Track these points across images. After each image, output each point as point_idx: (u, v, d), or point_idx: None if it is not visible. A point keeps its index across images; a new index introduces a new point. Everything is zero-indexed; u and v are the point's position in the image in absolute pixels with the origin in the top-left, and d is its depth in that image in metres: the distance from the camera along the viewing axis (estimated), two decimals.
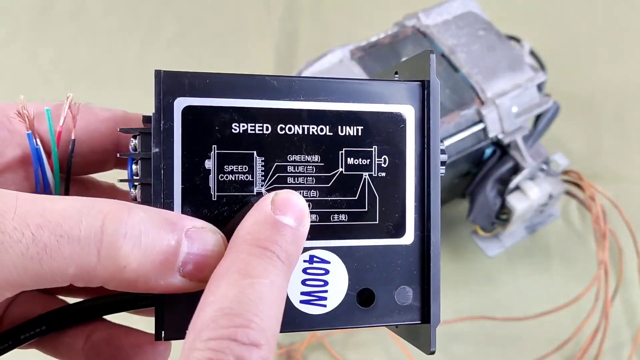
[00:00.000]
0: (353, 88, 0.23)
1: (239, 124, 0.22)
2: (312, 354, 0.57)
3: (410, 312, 0.24)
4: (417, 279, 0.24)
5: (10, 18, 0.83)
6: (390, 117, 0.23)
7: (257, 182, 0.22)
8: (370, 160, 0.23)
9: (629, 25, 0.82)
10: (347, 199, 0.23)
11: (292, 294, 0.22)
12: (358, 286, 0.23)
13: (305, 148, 0.22)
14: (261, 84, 0.22)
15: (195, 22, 0.83)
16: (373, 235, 0.23)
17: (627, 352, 0.57)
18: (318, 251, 0.22)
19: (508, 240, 0.58)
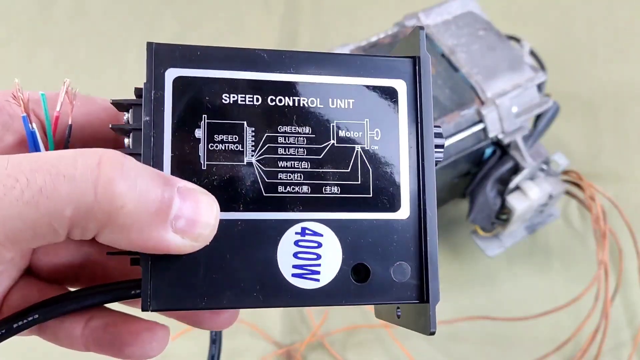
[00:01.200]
0: (344, 62, 0.23)
1: (229, 95, 0.22)
2: (312, 353, 0.57)
3: (408, 290, 0.23)
4: (415, 255, 0.23)
5: (10, 18, 0.83)
6: (382, 90, 0.23)
7: (248, 152, 0.22)
8: (363, 133, 0.23)
9: (629, 25, 0.82)
10: (340, 171, 0.23)
11: (283, 268, 0.22)
12: (352, 261, 0.22)
13: (296, 119, 0.22)
14: (251, 56, 0.23)
15: (195, 22, 0.83)
16: (367, 209, 0.23)
17: (627, 352, 0.57)
18: (310, 223, 0.22)
19: (508, 240, 0.58)
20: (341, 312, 0.59)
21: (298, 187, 0.22)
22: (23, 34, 0.82)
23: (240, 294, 0.21)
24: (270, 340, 0.58)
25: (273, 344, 0.58)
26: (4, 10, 0.84)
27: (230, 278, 0.21)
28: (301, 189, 0.22)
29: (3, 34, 0.82)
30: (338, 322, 0.59)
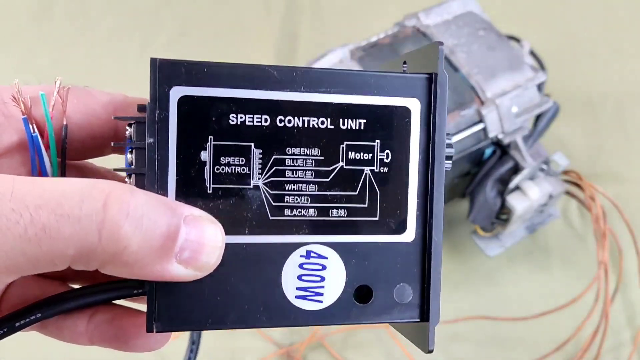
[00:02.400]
0: (356, 80, 0.22)
1: (236, 115, 0.21)
2: (312, 353, 0.57)
3: (409, 310, 0.23)
4: (417, 277, 0.23)
5: (10, 19, 0.83)
6: (395, 110, 0.22)
7: (255, 175, 0.21)
8: (373, 154, 0.22)
9: (629, 25, 0.82)
10: (347, 194, 0.22)
11: (287, 289, 0.22)
12: (356, 282, 0.22)
13: (305, 141, 0.22)
14: (261, 74, 0.21)
15: (195, 23, 0.83)
16: (373, 232, 0.22)
17: (627, 352, 0.57)
18: (315, 246, 0.22)
19: (508, 240, 0.58)
20: None
21: (305, 210, 0.22)
22: (23, 35, 0.82)
23: (245, 315, 0.22)
24: (270, 340, 0.58)
25: (273, 344, 0.58)
26: (4, 11, 0.84)
27: (234, 300, 0.21)
28: (307, 212, 0.22)
29: (3, 35, 0.82)
30: None
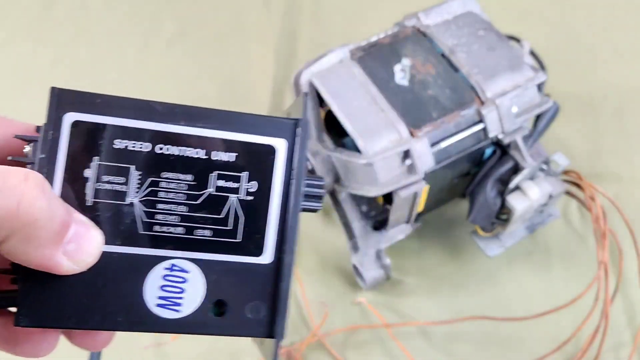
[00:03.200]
0: (232, 119, 0.26)
1: (121, 141, 0.24)
2: (312, 353, 0.57)
3: (260, 326, 0.26)
4: (270, 296, 0.26)
5: (10, 18, 0.83)
6: (263, 148, 0.25)
7: (131, 193, 0.24)
8: (240, 184, 0.25)
9: (629, 25, 0.82)
10: (213, 216, 0.25)
11: (148, 298, 0.24)
12: (214, 297, 0.25)
13: (180, 168, 0.25)
14: (146, 107, 0.25)
15: (195, 23, 0.83)
16: (234, 252, 0.25)
17: (627, 352, 0.57)
18: (179, 261, 0.25)
19: (508, 240, 0.58)
20: (341, 312, 0.59)
21: (173, 228, 0.25)
22: (23, 34, 0.82)
23: (106, 318, 0.24)
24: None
25: None
26: (5, 10, 0.84)
27: (98, 303, 0.24)
28: (175, 230, 0.25)
29: (3, 34, 0.82)
30: (338, 322, 0.59)
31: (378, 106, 0.50)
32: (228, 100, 0.75)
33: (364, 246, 0.58)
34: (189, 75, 0.78)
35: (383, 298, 0.60)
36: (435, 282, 0.61)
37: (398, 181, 0.50)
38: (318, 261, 0.63)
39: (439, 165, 0.51)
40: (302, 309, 0.60)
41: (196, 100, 0.84)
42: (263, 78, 0.77)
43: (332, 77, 0.52)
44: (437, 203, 0.58)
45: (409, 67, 0.53)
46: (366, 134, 0.49)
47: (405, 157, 0.49)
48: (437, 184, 0.53)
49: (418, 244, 0.63)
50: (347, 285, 0.61)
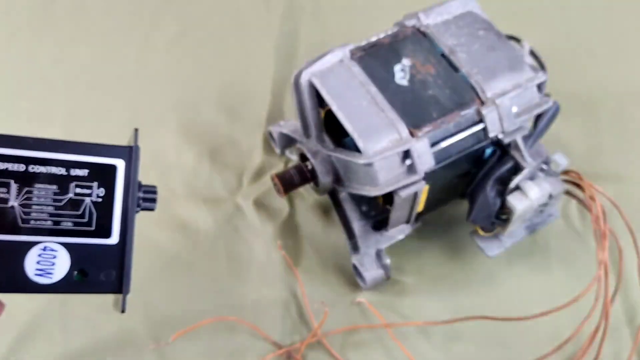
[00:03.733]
0: (85, 147, 0.37)
1: (4, 163, 0.35)
2: (312, 353, 0.57)
3: (112, 286, 0.36)
4: (118, 265, 0.36)
5: (10, 18, 0.83)
6: (108, 166, 0.37)
7: (12, 199, 0.34)
8: (92, 190, 0.36)
9: (629, 26, 0.82)
10: (74, 212, 0.36)
11: (28, 269, 0.34)
12: (77, 267, 0.35)
13: (47, 180, 0.35)
14: (21, 140, 0.35)
15: (195, 22, 0.83)
16: (90, 236, 0.36)
17: (627, 352, 0.57)
18: (50, 244, 0.35)
19: (508, 240, 0.58)
20: (341, 312, 0.60)
21: (44, 221, 0.35)
22: (23, 34, 0.82)
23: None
24: (270, 340, 0.58)
25: (273, 344, 0.58)
26: (4, 10, 0.84)
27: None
28: (46, 223, 0.35)
29: (3, 34, 0.82)
30: (338, 322, 0.59)
31: (378, 106, 0.50)
32: (228, 100, 0.75)
33: (364, 246, 0.58)
34: (189, 75, 0.78)
35: (383, 298, 0.60)
36: (435, 282, 0.61)
37: (398, 181, 0.50)
38: (318, 261, 0.63)
39: (439, 165, 0.51)
40: (302, 309, 0.60)
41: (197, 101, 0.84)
42: (263, 78, 0.77)
43: (332, 77, 0.52)
44: (437, 203, 0.58)
45: (409, 67, 0.53)
46: (366, 133, 0.49)
47: (405, 157, 0.49)
48: (437, 184, 0.53)
49: (418, 244, 0.64)
50: (347, 285, 0.61)
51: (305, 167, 0.58)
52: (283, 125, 0.68)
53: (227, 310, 0.59)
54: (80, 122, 0.73)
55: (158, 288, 0.61)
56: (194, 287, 0.61)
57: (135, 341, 0.58)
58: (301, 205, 0.67)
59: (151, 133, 0.72)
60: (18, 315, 0.59)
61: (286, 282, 0.61)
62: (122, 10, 0.84)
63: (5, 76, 0.78)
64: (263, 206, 0.67)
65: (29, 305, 0.59)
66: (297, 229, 0.65)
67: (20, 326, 0.58)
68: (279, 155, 0.70)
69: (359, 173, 0.51)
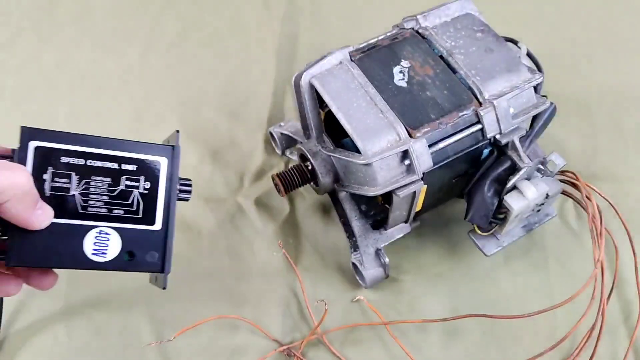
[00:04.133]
0: (135, 145, 0.42)
1: (67, 157, 0.40)
2: (312, 351, 0.58)
3: (155, 266, 0.42)
4: (161, 248, 0.42)
5: (14, 20, 0.84)
6: (153, 162, 0.42)
7: (73, 188, 0.40)
8: (139, 183, 0.42)
9: (625, 28, 0.82)
10: (124, 202, 0.41)
11: (86, 249, 0.40)
12: (127, 249, 0.41)
13: (103, 174, 0.41)
14: (81, 138, 0.40)
15: (196, 24, 0.84)
16: (138, 223, 0.41)
17: (622, 350, 0.58)
18: (104, 228, 0.41)
19: (505, 239, 0.59)
20: (340, 310, 0.60)
21: (99, 209, 0.40)
22: (27, 36, 0.82)
23: (61, 260, 0.40)
24: (270, 338, 0.58)
25: (273, 342, 0.58)
26: (8, 12, 0.85)
27: (57, 251, 0.39)
28: (101, 210, 0.40)
29: (7, 36, 0.82)
30: (338, 320, 0.59)
31: (377, 107, 0.51)
32: (230, 101, 0.76)
33: (363, 245, 0.59)
34: (191, 76, 0.79)
35: (382, 296, 0.61)
36: (433, 280, 0.62)
37: (397, 181, 0.50)
38: (318, 260, 0.64)
39: (437, 165, 0.51)
40: (302, 307, 0.60)
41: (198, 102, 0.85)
42: (264, 79, 0.78)
43: (331, 79, 0.53)
44: (435, 202, 0.59)
45: (408, 68, 0.54)
46: (365, 134, 0.50)
47: (403, 157, 0.50)
48: (435, 184, 0.54)
49: (416, 243, 0.64)
50: (346, 283, 0.62)
51: (305, 168, 0.58)
52: (284, 126, 0.69)
53: (228, 309, 0.60)
54: (83, 122, 0.74)
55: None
56: (196, 286, 0.62)
57: (138, 339, 0.58)
58: (301, 205, 0.67)
59: (153, 134, 0.73)
60: (22, 314, 0.60)
61: (287, 281, 0.62)
62: (124, 13, 0.85)
63: (10, 77, 0.78)
64: (264, 206, 0.67)
65: (34, 304, 0.60)
66: (298, 228, 0.66)
67: (25, 324, 0.59)
68: (279, 156, 0.71)
69: (358, 173, 0.52)
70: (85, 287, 0.61)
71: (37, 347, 0.58)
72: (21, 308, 0.60)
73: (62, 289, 0.61)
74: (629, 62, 0.79)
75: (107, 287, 0.61)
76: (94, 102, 0.76)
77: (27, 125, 0.40)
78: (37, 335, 0.59)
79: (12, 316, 0.60)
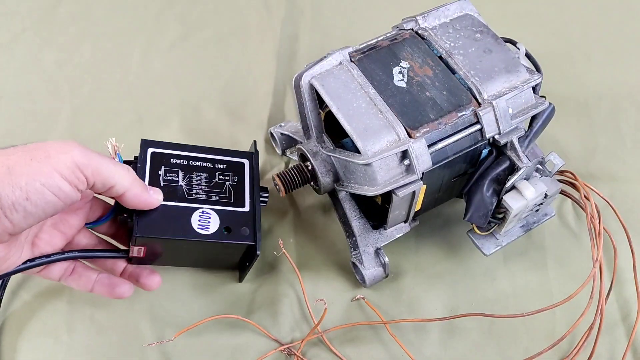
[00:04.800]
0: (224, 151, 0.58)
1: (174, 159, 0.55)
2: (312, 350, 0.58)
3: (248, 239, 0.53)
4: (251, 224, 0.54)
5: (15, 20, 0.84)
6: (239, 163, 0.58)
7: (180, 180, 0.54)
8: (229, 177, 0.56)
9: (623, 28, 0.83)
10: (219, 191, 0.55)
11: (193, 224, 0.52)
12: (224, 224, 0.53)
13: (202, 170, 0.55)
14: (183, 146, 0.56)
15: (197, 25, 0.84)
16: (231, 205, 0.54)
17: (621, 349, 0.58)
18: (206, 209, 0.53)
19: (504, 238, 0.59)
20: (340, 309, 0.60)
21: (201, 195, 0.54)
22: (28, 37, 0.83)
23: (175, 231, 0.51)
24: (270, 337, 0.59)
25: (273, 342, 0.59)
26: (9, 13, 0.85)
27: (171, 225, 0.51)
28: (202, 196, 0.54)
29: (8, 36, 0.83)
30: (337, 319, 0.60)
31: (377, 107, 0.51)
32: (230, 101, 0.76)
33: (362, 244, 0.59)
34: (192, 77, 0.79)
35: (381, 295, 0.61)
36: (432, 280, 0.62)
37: (396, 181, 0.51)
38: (318, 259, 0.64)
39: (436, 165, 0.51)
40: (302, 306, 0.60)
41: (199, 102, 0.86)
42: (264, 79, 0.78)
43: (331, 79, 0.53)
44: (434, 202, 0.59)
45: (407, 69, 0.54)
46: (365, 134, 0.50)
47: (403, 157, 0.50)
48: (434, 184, 0.54)
49: (416, 242, 0.64)
50: (346, 282, 0.62)
51: (305, 168, 0.59)
52: (284, 126, 0.69)
53: (228, 308, 0.60)
54: (84, 123, 0.74)
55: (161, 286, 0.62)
56: (197, 285, 0.62)
57: (139, 339, 0.58)
58: (301, 205, 0.68)
59: (154, 134, 0.73)
60: (23, 314, 0.60)
61: (287, 280, 0.62)
62: (125, 13, 0.85)
63: (11, 77, 0.79)
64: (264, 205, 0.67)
65: (36, 303, 0.60)
66: (298, 228, 0.66)
67: (25, 324, 0.59)
68: (280, 156, 0.71)
69: (358, 173, 0.52)
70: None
71: (37, 347, 0.58)
72: (22, 308, 0.60)
73: (63, 289, 0.61)
74: (627, 62, 0.79)
75: None
76: (94, 102, 0.76)
77: (145, 138, 0.55)
78: (37, 335, 0.59)
79: (13, 316, 0.60)
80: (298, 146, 0.59)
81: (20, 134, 0.74)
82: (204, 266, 0.62)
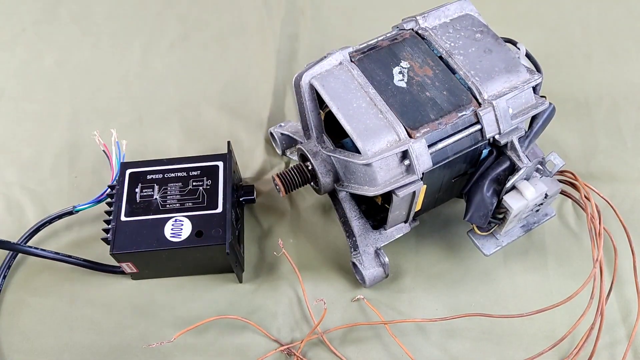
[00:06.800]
0: (197, 158, 0.60)
1: (150, 175, 0.59)
2: (312, 350, 0.58)
3: (219, 239, 0.55)
4: (222, 225, 0.56)
5: (15, 20, 0.84)
6: (213, 166, 0.60)
7: (155, 194, 0.58)
8: (203, 183, 0.58)
9: (623, 28, 0.83)
10: (193, 197, 0.58)
11: (166, 233, 0.55)
12: (196, 229, 0.55)
13: (176, 180, 0.59)
14: (158, 161, 0.60)
15: (197, 26, 0.84)
16: (204, 209, 0.57)
17: (621, 349, 0.58)
18: (179, 217, 0.56)
19: (504, 239, 0.59)
20: (340, 309, 0.60)
21: (174, 204, 0.57)
22: (28, 37, 0.83)
23: (148, 244, 0.55)
24: (270, 337, 0.59)
25: (273, 342, 0.59)
26: (10, 13, 0.85)
27: (145, 239, 0.55)
28: (176, 205, 0.57)
29: (9, 37, 0.83)
30: (337, 319, 0.60)
31: (377, 108, 0.51)
32: (230, 101, 0.76)
33: (363, 245, 0.59)
34: (192, 77, 0.79)
35: (381, 295, 0.61)
36: (432, 280, 0.62)
37: (396, 181, 0.51)
38: (318, 259, 0.64)
39: (436, 165, 0.51)
40: (302, 306, 0.60)
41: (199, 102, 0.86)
42: (265, 79, 0.78)
43: (331, 79, 0.53)
44: (434, 202, 0.59)
45: (407, 69, 0.54)
46: (365, 134, 0.50)
47: (403, 157, 0.50)
48: (434, 184, 0.54)
49: (416, 242, 0.64)
50: (346, 282, 0.62)
51: (305, 168, 0.59)
52: (284, 126, 0.69)
53: (228, 308, 0.60)
54: (84, 123, 0.74)
55: (162, 286, 0.62)
56: (197, 286, 0.62)
57: (140, 339, 0.58)
58: (301, 205, 0.68)
59: (154, 133, 0.73)
60: (23, 314, 0.60)
61: (287, 280, 0.62)
62: (126, 13, 0.85)
63: (11, 77, 0.79)
64: (264, 206, 0.68)
65: (38, 304, 0.60)
66: (298, 228, 0.66)
67: (26, 325, 0.59)
68: (280, 156, 0.71)
69: (358, 173, 0.52)
70: (86, 288, 0.62)
71: (38, 347, 0.58)
72: (22, 308, 0.60)
73: (64, 289, 0.61)
74: (627, 62, 0.79)
75: (108, 287, 0.62)
76: (94, 102, 0.77)
77: (124, 161, 0.60)
78: (38, 336, 0.59)
79: (13, 316, 0.60)
80: (298, 146, 0.59)
81: (20, 134, 0.74)
82: (201, 273, 0.62)
